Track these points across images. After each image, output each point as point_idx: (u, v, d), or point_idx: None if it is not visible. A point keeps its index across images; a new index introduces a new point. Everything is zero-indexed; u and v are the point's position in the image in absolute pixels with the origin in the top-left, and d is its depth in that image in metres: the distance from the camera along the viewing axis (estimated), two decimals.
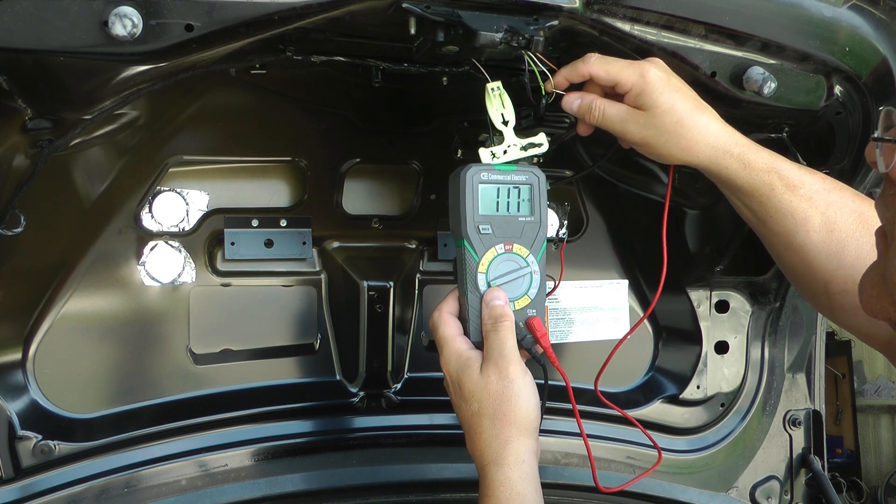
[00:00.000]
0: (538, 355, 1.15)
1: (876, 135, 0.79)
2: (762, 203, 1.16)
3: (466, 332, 1.15)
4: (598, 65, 1.14)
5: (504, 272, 1.15)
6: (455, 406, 1.12)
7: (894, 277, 0.78)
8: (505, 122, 1.18)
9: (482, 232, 1.14)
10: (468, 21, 1.03)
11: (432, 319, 1.17)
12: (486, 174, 1.15)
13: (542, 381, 1.14)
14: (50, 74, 1.00)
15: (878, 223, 1.12)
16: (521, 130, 1.21)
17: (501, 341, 1.09)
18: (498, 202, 1.16)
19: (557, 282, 1.38)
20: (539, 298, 1.17)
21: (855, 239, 1.14)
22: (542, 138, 1.19)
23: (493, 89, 1.18)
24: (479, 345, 1.12)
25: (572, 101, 1.18)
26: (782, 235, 1.18)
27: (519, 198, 1.17)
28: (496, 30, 1.04)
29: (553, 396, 1.72)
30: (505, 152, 1.18)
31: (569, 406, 1.72)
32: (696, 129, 1.13)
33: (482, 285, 1.14)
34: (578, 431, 1.72)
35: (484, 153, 1.18)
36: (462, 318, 1.16)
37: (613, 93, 1.16)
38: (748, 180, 1.15)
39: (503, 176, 1.16)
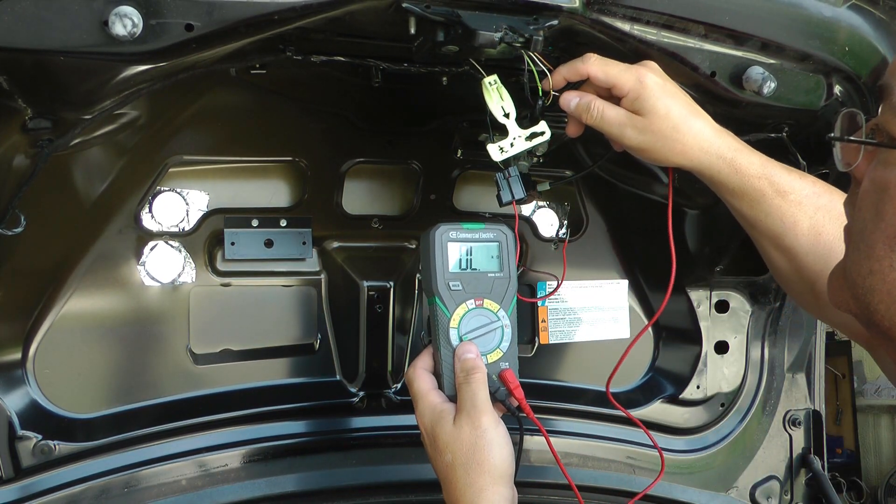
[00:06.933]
0: (513, 408, 1.16)
1: (834, 134, 0.83)
2: (752, 206, 1.19)
3: (441, 387, 1.16)
4: (596, 65, 1.14)
5: (475, 326, 1.17)
6: (430, 458, 1.13)
7: (851, 273, 0.82)
8: (506, 115, 1.19)
9: (453, 288, 1.17)
10: (468, 21, 1.04)
11: (407, 375, 1.19)
12: (454, 233, 1.18)
13: (518, 433, 1.14)
14: (50, 74, 1.00)
15: None
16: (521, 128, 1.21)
17: (473, 392, 1.10)
18: (468, 259, 1.19)
19: (559, 282, 1.39)
20: (511, 351, 1.19)
21: (841, 242, 1.15)
22: (543, 126, 1.20)
23: (489, 83, 1.19)
24: (453, 398, 1.14)
25: (570, 100, 1.18)
26: (772, 238, 1.21)
27: (488, 255, 1.20)
28: (496, 29, 1.04)
29: (549, 396, 1.74)
30: (512, 145, 1.19)
31: (569, 406, 1.74)
32: (690, 134, 1.14)
33: (454, 340, 1.16)
34: (578, 432, 1.74)
35: (492, 149, 1.20)
36: (436, 373, 1.18)
37: (609, 95, 1.17)
38: (739, 184, 1.17)
39: (471, 234, 1.19)
